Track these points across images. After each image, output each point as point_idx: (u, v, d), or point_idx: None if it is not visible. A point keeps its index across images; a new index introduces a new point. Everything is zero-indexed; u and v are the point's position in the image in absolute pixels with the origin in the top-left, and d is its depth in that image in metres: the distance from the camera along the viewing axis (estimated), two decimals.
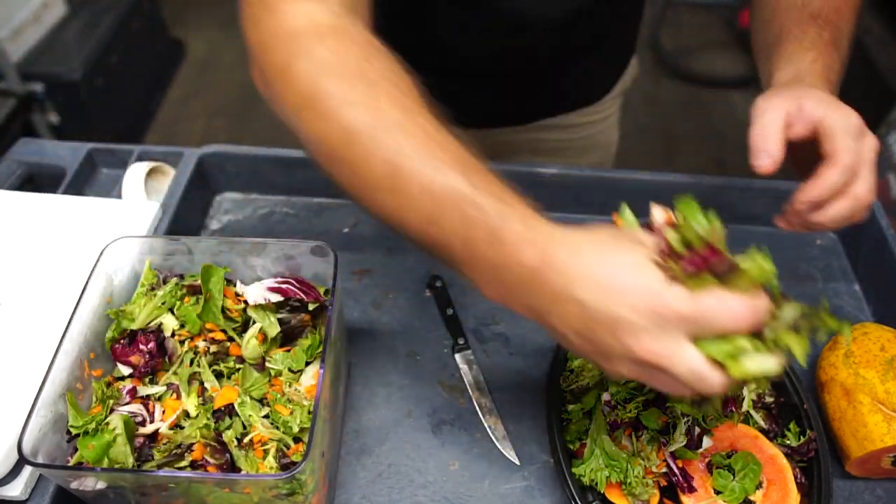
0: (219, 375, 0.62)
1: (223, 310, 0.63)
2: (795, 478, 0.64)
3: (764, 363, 0.43)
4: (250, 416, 0.57)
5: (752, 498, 0.62)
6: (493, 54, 0.89)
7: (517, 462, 0.70)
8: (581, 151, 1.09)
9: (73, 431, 0.55)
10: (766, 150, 0.59)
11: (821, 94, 0.60)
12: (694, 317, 0.41)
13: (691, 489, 0.62)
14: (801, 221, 0.60)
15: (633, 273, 0.43)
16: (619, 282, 0.43)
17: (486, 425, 0.72)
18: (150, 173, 0.89)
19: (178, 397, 0.60)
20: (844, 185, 0.57)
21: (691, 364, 0.42)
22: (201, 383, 0.61)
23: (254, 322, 0.63)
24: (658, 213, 0.50)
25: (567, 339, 0.46)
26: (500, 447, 0.71)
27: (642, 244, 0.45)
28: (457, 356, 0.78)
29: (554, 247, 0.45)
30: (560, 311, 0.45)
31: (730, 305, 0.42)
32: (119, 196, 0.87)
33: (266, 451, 0.56)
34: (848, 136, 0.57)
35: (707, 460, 0.64)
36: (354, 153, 0.48)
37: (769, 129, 0.59)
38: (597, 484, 0.61)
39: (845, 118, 0.58)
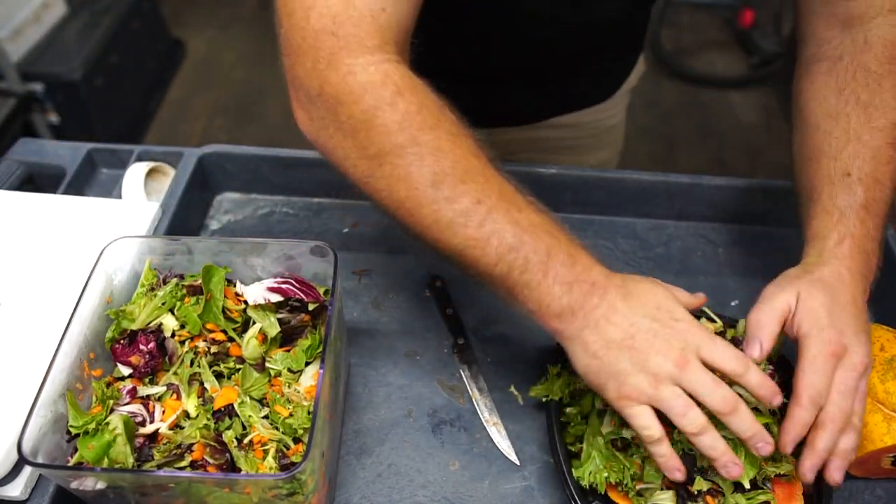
0: (219, 376, 0.62)
1: (223, 310, 0.63)
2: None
3: None
4: (250, 416, 0.57)
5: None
6: (511, 57, 0.89)
7: (517, 462, 0.70)
8: (590, 149, 1.10)
9: (73, 431, 0.54)
10: (759, 338, 0.62)
11: (822, 299, 0.61)
12: (706, 342, 0.56)
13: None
14: (814, 464, 0.58)
15: (675, 305, 0.58)
16: (664, 305, 0.57)
17: (485, 425, 0.72)
18: (150, 173, 0.89)
19: (179, 398, 0.60)
20: (818, 416, 0.58)
21: (709, 376, 0.55)
22: (201, 384, 0.61)
23: (254, 322, 0.63)
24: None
25: (607, 353, 0.55)
26: (500, 447, 0.71)
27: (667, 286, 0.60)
28: (457, 356, 0.78)
29: (616, 277, 0.58)
30: (611, 321, 0.55)
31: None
32: (119, 196, 0.87)
33: (266, 452, 0.56)
34: (814, 366, 0.58)
35: None
36: (443, 193, 0.54)
37: (765, 319, 0.62)
38: (597, 486, 0.61)
39: (821, 344, 0.58)
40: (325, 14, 0.54)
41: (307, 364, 0.63)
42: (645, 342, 0.55)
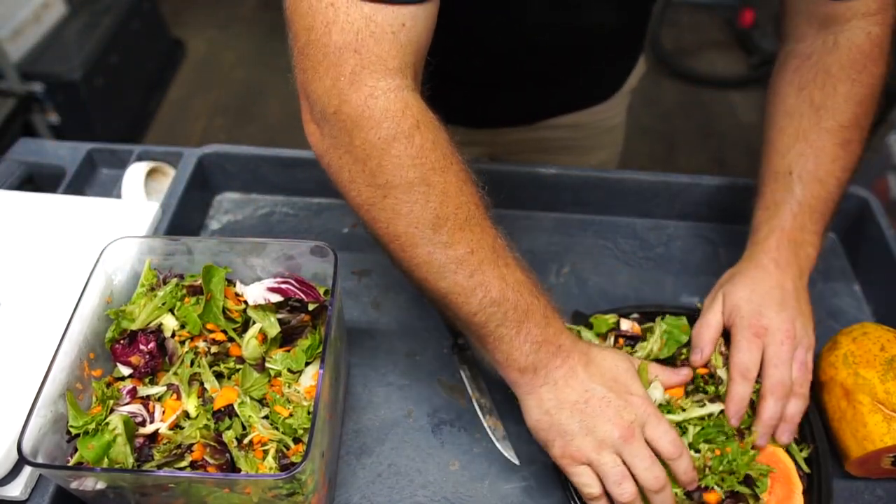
0: (219, 376, 0.62)
1: (223, 310, 0.63)
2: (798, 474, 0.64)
3: None
4: (250, 416, 0.57)
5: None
6: (512, 59, 0.89)
7: (517, 462, 0.70)
8: (590, 149, 1.10)
9: (73, 431, 0.54)
10: (699, 347, 0.69)
11: (742, 291, 0.68)
12: (652, 419, 0.60)
13: None
14: (764, 432, 0.66)
15: (632, 377, 0.62)
16: (622, 377, 0.61)
17: (485, 425, 0.72)
18: (150, 173, 0.89)
19: (179, 398, 0.60)
20: (760, 390, 0.66)
21: (649, 452, 0.59)
22: (201, 384, 0.61)
23: (254, 322, 0.63)
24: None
25: (558, 411, 0.59)
26: (500, 447, 0.71)
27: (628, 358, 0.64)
28: (457, 356, 0.78)
29: (582, 345, 0.62)
30: (569, 384, 0.59)
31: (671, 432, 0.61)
32: (119, 196, 0.87)
33: (266, 452, 0.56)
34: (739, 346, 0.66)
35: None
36: (441, 237, 0.55)
37: (704, 328, 0.69)
38: None
39: (742, 328, 0.66)
40: (347, 30, 0.52)
41: (307, 364, 0.63)
42: (597, 409, 0.58)
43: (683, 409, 0.65)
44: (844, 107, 0.69)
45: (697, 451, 0.63)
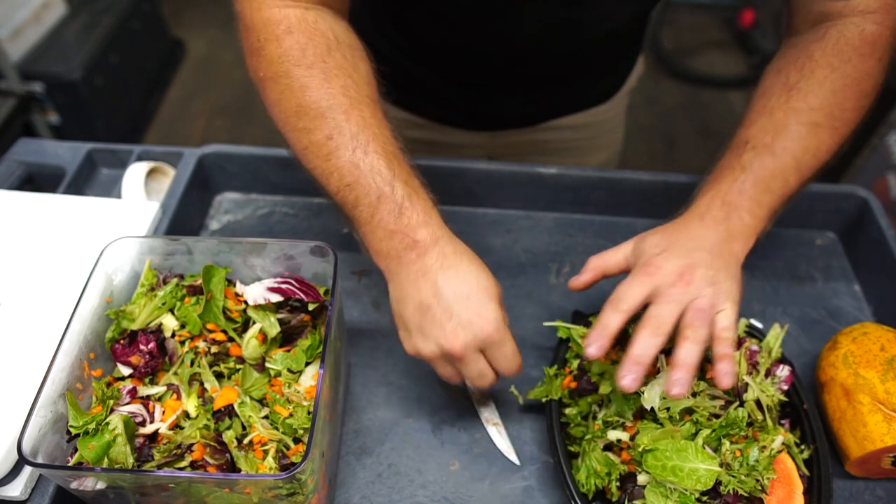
0: (219, 376, 0.62)
1: (223, 310, 0.63)
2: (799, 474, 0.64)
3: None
4: (250, 416, 0.57)
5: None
6: (511, 61, 0.89)
7: (517, 462, 0.70)
8: (588, 151, 1.10)
9: (73, 431, 0.54)
10: (589, 266, 0.70)
11: (651, 240, 0.66)
12: (494, 345, 0.60)
13: None
14: (630, 369, 0.60)
15: (488, 299, 0.60)
16: (476, 296, 0.59)
17: (485, 425, 0.72)
18: (150, 173, 0.89)
19: (179, 398, 0.60)
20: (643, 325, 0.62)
21: (480, 367, 0.61)
22: (201, 384, 0.61)
23: (254, 322, 0.63)
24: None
25: (404, 302, 0.61)
26: (499, 447, 0.71)
27: (497, 285, 0.62)
28: None
29: (444, 240, 0.61)
30: (419, 281, 0.60)
31: (516, 356, 0.62)
32: (119, 196, 0.87)
33: (266, 452, 0.56)
34: (627, 281, 0.62)
35: None
36: (303, 123, 0.62)
37: (597, 259, 0.69)
38: (589, 492, 0.61)
39: (639, 266, 0.63)
40: None
41: (307, 364, 0.63)
42: (436, 318, 0.59)
43: (695, 395, 0.64)
44: (818, 90, 0.67)
45: (715, 450, 0.61)
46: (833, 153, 0.68)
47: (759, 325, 0.80)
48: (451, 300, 0.59)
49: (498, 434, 0.71)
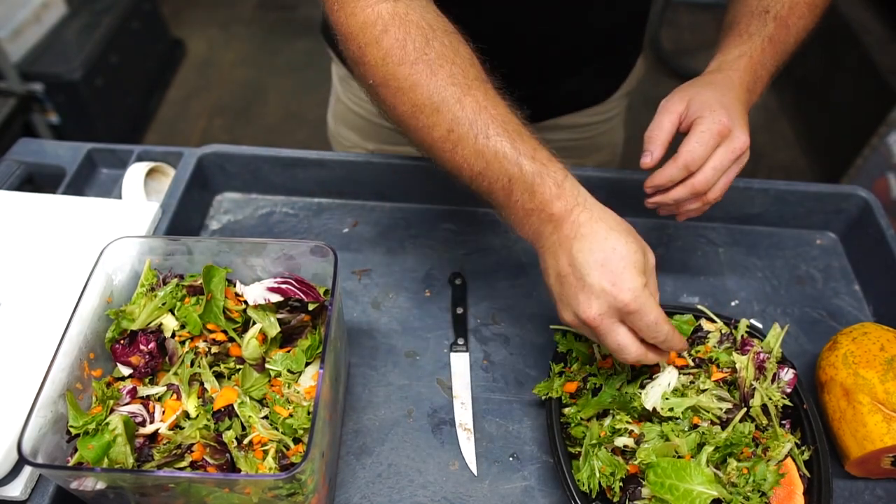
0: (219, 376, 0.62)
1: (223, 310, 0.63)
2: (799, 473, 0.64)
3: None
4: (250, 416, 0.57)
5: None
6: (506, 58, 0.89)
7: (475, 473, 0.69)
8: (587, 151, 1.10)
9: (73, 431, 0.54)
10: (650, 150, 0.70)
11: (712, 94, 0.69)
12: (634, 315, 0.57)
13: None
14: (656, 203, 0.71)
15: (625, 266, 0.57)
16: (611, 263, 0.57)
17: (457, 428, 0.72)
18: (150, 173, 0.89)
19: (179, 398, 0.60)
20: (686, 178, 0.68)
21: (621, 339, 0.58)
22: (201, 384, 0.61)
23: (254, 322, 0.63)
24: None
25: (548, 273, 0.61)
26: (463, 453, 0.70)
27: (644, 252, 0.60)
28: (452, 355, 0.78)
29: (580, 208, 0.60)
30: (557, 252, 0.60)
31: (659, 328, 0.58)
32: (119, 196, 0.87)
33: (266, 452, 0.56)
34: (700, 137, 0.66)
35: None
36: (421, 122, 0.62)
37: (657, 131, 0.70)
38: (591, 491, 0.61)
39: (711, 122, 0.67)
40: None
41: (307, 364, 0.63)
42: (572, 288, 0.59)
43: (702, 390, 0.64)
44: None
45: (717, 467, 0.61)
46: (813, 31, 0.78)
47: (759, 325, 0.80)
48: (584, 269, 0.57)
49: (466, 440, 0.71)
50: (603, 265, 0.57)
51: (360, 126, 1.07)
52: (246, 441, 0.56)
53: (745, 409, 0.64)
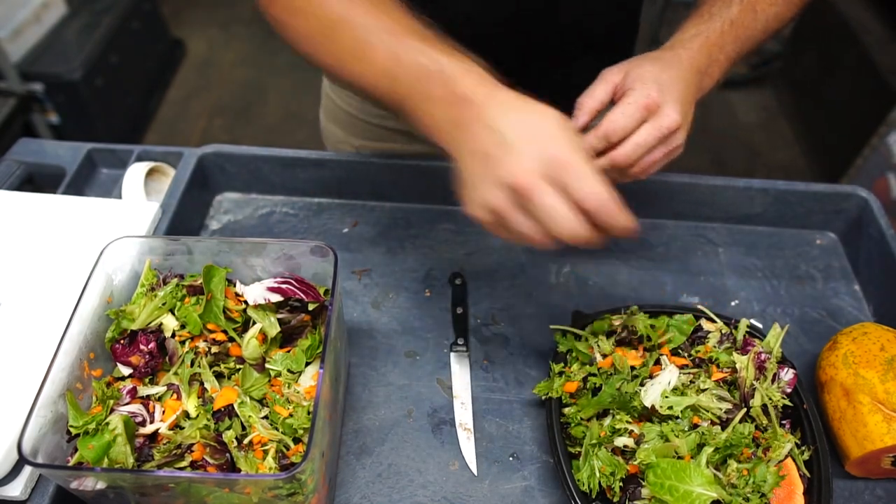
0: (219, 376, 0.62)
1: (224, 310, 0.63)
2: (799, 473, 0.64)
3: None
4: (250, 416, 0.57)
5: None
6: (485, 52, 0.88)
7: (475, 473, 0.69)
8: None
9: (73, 431, 0.54)
10: (577, 115, 0.67)
11: (651, 68, 0.66)
12: (568, 170, 0.51)
13: None
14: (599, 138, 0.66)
15: (549, 120, 0.53)
16: (533, 119, 0.53)
17: (457, 428, 0.72)
18: (150, 173, 0.89)
19: (179, 398, 0.60)
20: (608, 149, 0.65)
21: (554, 201, 0.51)
22: (201, 384, 0.61)
23: (254, 322, 0.63)
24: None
25: (462, 164, 0.56)
26: (463, 453, 0.70)
27: (563, 117, 0.55)
28: (452, 355, 0.78)
29: (505, 92, 0.55)
30: (473, 128, 0.54)
31: (596, 187, 0.52)
32: (119, 196, 0.87)
33: (266, 452, 0.56)
34: (626, 109, 0.63)
35: None
36: (329, 38, 0.61)
37: (588, 98, 0.68)
38: (591, 490, 0.61)
39: (639, 95, 0.64)
40: None
41: (307, 364, 0.63)
42: (493, 155, 0.53)
43: (702, 390, 0.64)
44: None
45: (717, 468, 0.61)
46: (787, 23, 0.77)
47: (759, 325, 0.80)
48: (508, 132, 0.52)
49: (466, 440, 0.71)
50: (528, 124, 0.52)
51: (346, 122, 1.07)
52: (246, 441, 0.56)
53: (745, 410, 0.64)
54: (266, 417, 0.58)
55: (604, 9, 0.86)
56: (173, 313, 0.63)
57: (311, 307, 0.64)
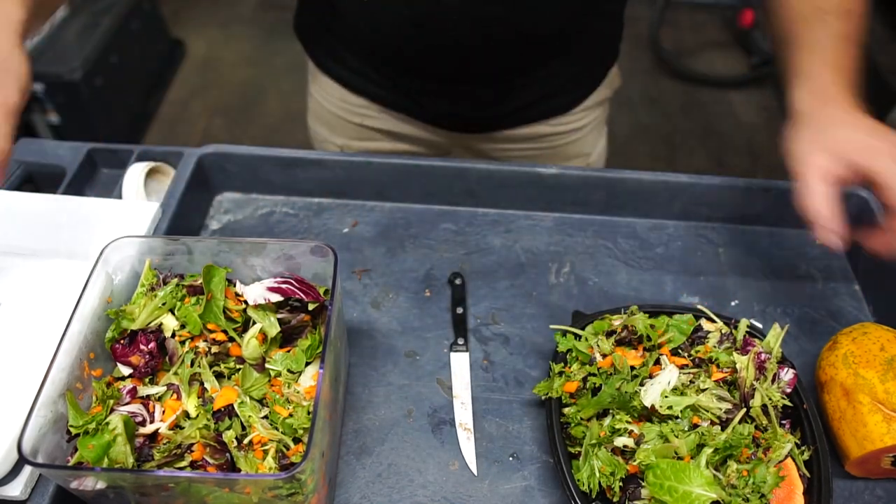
0: (219, 376, 0.62)
1: (224, 310, 0.63)
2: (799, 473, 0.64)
3: None
4: (250, 416, 0.57)
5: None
6: (435, 53, 0.88)
7: (475, 473, 0.69)
8: (552, 161, 1.07)
9: (73, 431, 0.55)
10: (831, 228, 0.63)
11: (857, 135, 0.63)
12: None
13: None
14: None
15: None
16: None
17: (457, 428, 0.72)
18: (150, 173, 0.89)
19: (179, 398, 0.60)
20: None
21: None
22: (201, 384, 0.61)
23: (254, 322, 0.63)
24: None
25: None
26: (463, 453, 0.70)
27: None
28: (452, 355, 0.78)
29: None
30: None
31: None
32: (119, 196, 0.87)
33: (266, 452, 0.56)
34: None
35: None
36: None
37: (821, 202, 0.63)
38: (591, 490, 0.61)
39: (891, 162, 0.61)
40: None
41: (307, 364, 0.63)
42: None
43: (702, 390, 0.64)
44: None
45: (717, 469, 0.61)
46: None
47: (759, 325, 0.80)
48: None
49: (466, 440, 0.71)
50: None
51: (330, 121, 1.07)
52: (246, 441, 0.56)
53: (744, 410, 0.64)
54: (266, 417, 0.58)
55: (558, 12, 0.85)
56: (173, 313, 0.63)
57: (311, 307, 0.64)
